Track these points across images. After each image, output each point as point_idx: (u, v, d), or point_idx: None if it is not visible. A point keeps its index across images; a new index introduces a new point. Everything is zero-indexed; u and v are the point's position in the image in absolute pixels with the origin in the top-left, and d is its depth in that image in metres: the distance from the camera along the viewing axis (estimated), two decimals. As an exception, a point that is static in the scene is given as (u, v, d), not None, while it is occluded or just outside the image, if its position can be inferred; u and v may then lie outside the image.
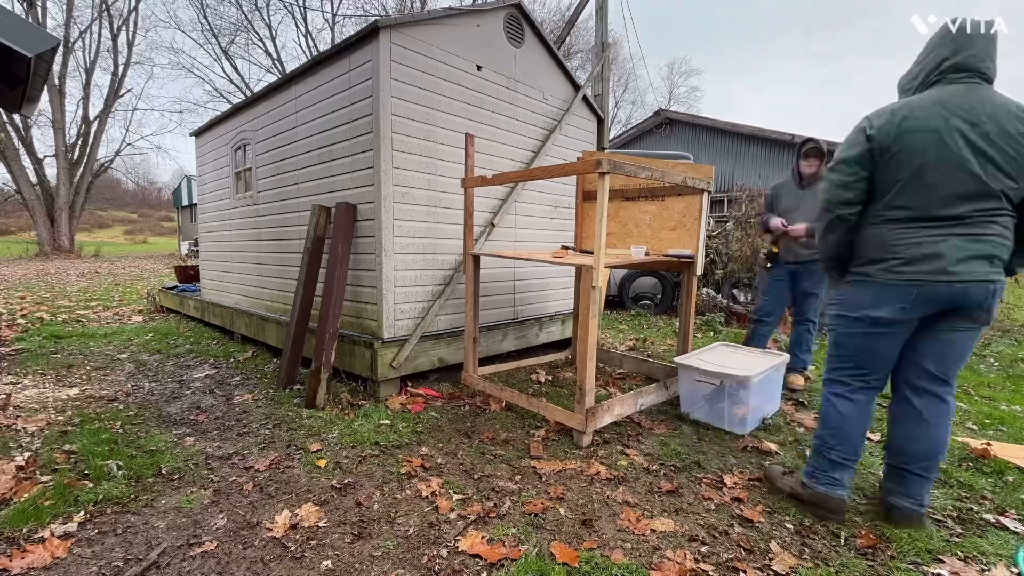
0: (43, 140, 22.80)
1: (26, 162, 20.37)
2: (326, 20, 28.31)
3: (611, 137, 15.38)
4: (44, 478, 2.08)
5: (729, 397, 2.74)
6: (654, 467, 2.34)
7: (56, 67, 19.30)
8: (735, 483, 2.20)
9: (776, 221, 3.48)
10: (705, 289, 6.63)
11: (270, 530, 1.80)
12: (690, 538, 1.80)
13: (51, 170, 21.44)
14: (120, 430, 2.65)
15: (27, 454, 2.28)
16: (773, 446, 2.58)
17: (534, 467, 2.31)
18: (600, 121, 4.94)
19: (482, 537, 1.77)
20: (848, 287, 1.87)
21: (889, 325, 1.77)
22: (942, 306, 1.70)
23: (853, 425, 1.89)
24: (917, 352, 1.83)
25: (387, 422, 2.81)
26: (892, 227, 1.74)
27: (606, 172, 2.31)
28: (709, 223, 6.88)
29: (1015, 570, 1.64)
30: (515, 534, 1.80)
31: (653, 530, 1.84)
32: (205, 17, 23.08)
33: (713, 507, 2.01)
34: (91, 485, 2.04)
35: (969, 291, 1.65)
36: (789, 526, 1.89)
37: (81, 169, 21.77)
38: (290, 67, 21.65)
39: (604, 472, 2.27)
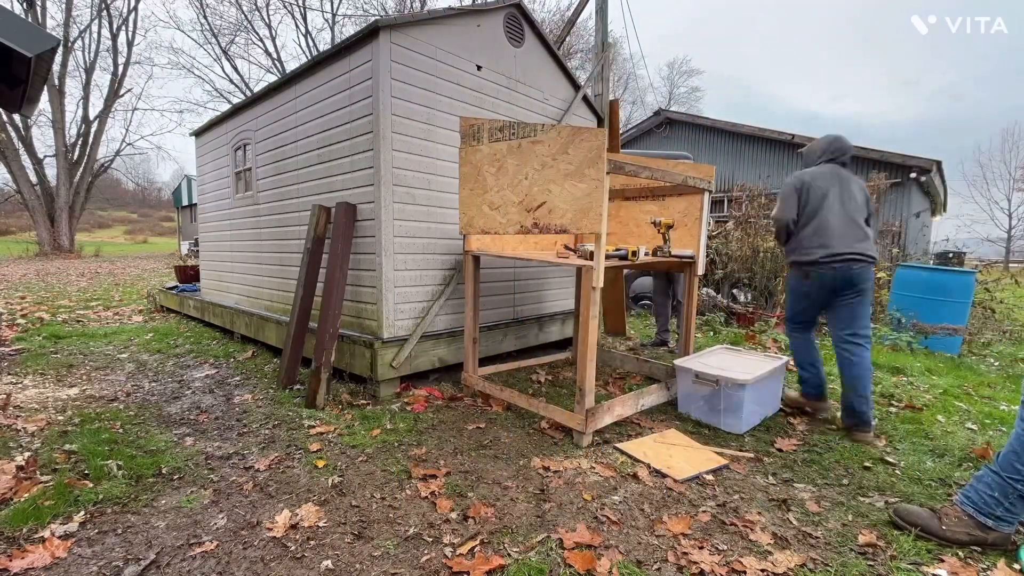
0: (43, 140, 22.79)
1: (26, 162, 20.39)
2: (326, 20, 28.29)
3: (611, 137, 15.34)
4: (44, 478, 2.08)
5: (726, 398, 2.74)
6: (655, 467, 2.34)
7: (56, 67, 19.31)
8: (731, 482, 2.20)
9: None
10: (705, 289, 6.63)
11: (270, 530, 1.80)
12: (690, 537, 1.80)
13: (51, 170, 21.47)
14: (120, 430, 2.65)
15: (27, 454, 2.28)
16: (776, 443, 2.58)
17: (534, 467, 2.31)
18: (600, 121, 4.94)
19: (482, 538, 1.77)
20: None
21: None
22: None
23: None
24: None
25: (387, 422, 2.81)
26: None
27: (607, 172, 2.31)
28: (709, 223, 6.89)
29: (1016, 567, 1.64)
30: (515, 534, 1.80)
31: (654, 530, 1.84)
32: (205, 17, 23.08)
33: (712, 506, 2.01)
34: (91, 485, 2.04)
35: None
36: (789, 525, 1.89)
37: (81, 169, 21.77)
38: (290, 67, 21.65)
39: (604, 472, 2.27)
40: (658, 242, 3.58)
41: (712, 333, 5.51)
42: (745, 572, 1.61)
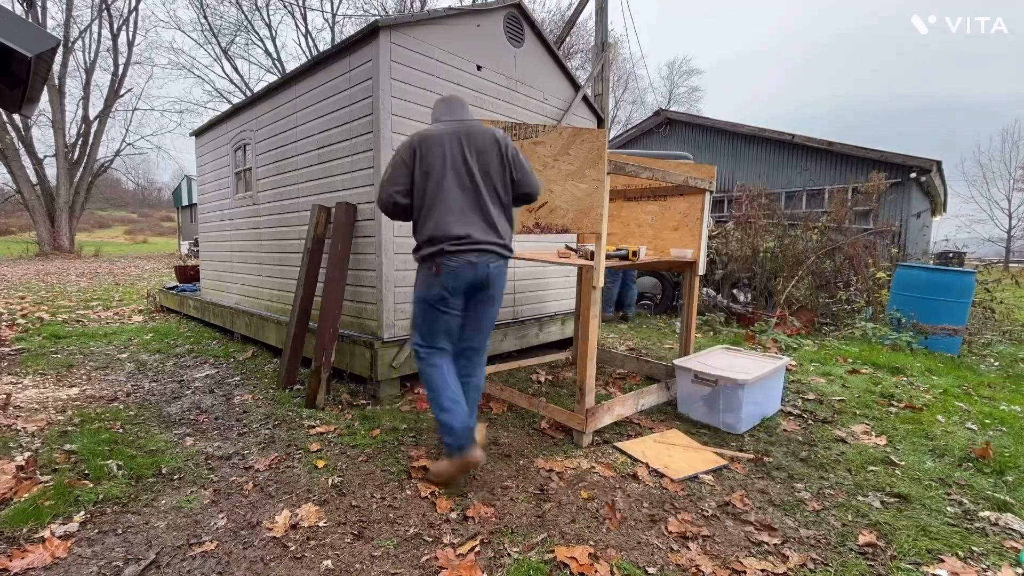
0: (43, 140, 22.73)
1: (26, 162, 20.36)
2: (326, 20, 28.30)
3: (611, 137, 15.40)
4: (44, 478, 2.08)
5: (725, 398, 2.74)
6: (654, 466, 2.34)
7: (56, 67, 19.30)
8: (731, 482, 2.20)
9: None
10: (705, 289, 6.63)
11: (270, 530, 1.80)
12: (689, 538, 1.80)
13: (51, 170, 21.45)
14: (120, 430, 2.65)
15: (27, 454, 2.28)
16: (770, 445, 2.58)
17: (534, 467, 2.31)
18: (600, 121, 4.94)
19: (482, 538, 1.77)
20: None
21: None
22: None
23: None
24: None
25: (387, 422, 2.81)
26: None
27: (608, 172, 2.31)
28: (710, 223, 6.90)
29: (1019, 571, 1.64)
30: (515, 534, 1.80)
31: (653, 529, 1.84)
32: (205, 17, 23.06)
33: (712, 506, 2.01)
34: (91, 485, 2.04)
35: None
36: (789, 525, 1.89)
37: (81, 169, 21.76)
38: (290, 67, 21.65)
39: (604, 472, 2.27)
40: (658, 242, 3.58)
41: (712, 333, 5.52)
42: (745, 572, 1.61)
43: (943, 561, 1.68)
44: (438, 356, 2.18)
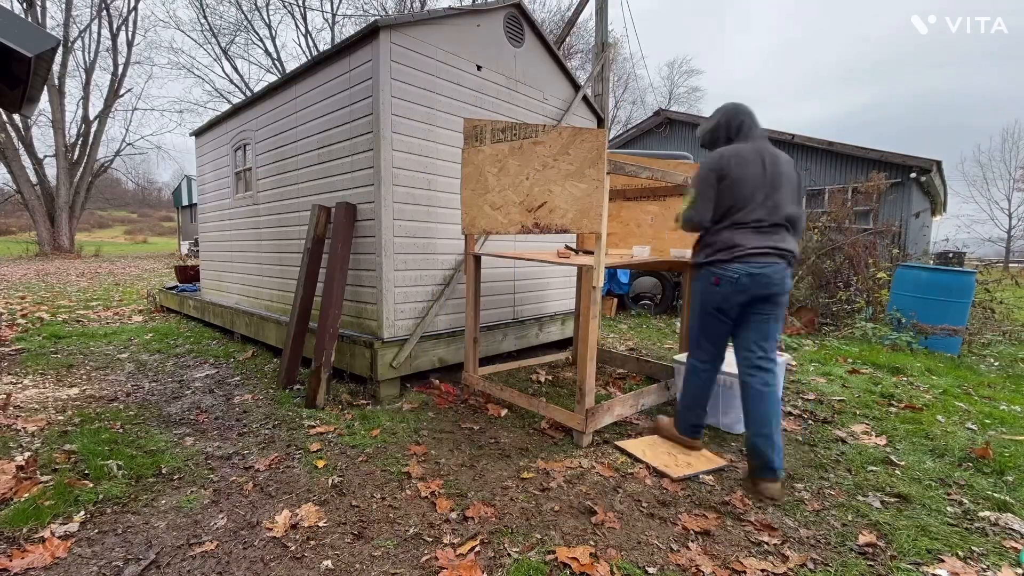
0: (43, 140, 22.80)
1: (26, 162, 20.37)
2: (326, 20, 28.31)
3: (611, 137, 15.40)
4: (44, 478, 2.08)
5: (725, 398, 2.74)
6: (654, 466, 2.34)
7: (56, 67, 19.29)
8: (731, 482, 2.20)
9: None
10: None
11: (270, 530, 1.80)
12: (689, 537, 1.80)
13: (51, 170, 21.45)
14: (120, 430, 2.64)
15: (27, 454, 2.28)
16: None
17: (534, 467, 2.31)
18: (600, 121, 4.94)
19: (482, 538, 1.77)
20: None
21: None
22: None
23: None
24: None
25: (387, 422, 2.81)
26: None
27: (607, 172, 2.30)
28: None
29: (1019, 571, 1.64)
30: (515, 534, 1.80)
31: (653, 529, 1.84)
32: (205, 17, 23.07)
33: (711, 506, 2.01)
34: (91, 485, 2.04)
35: None
36: (789, 525, 1.89)
37: (81, 169, 21.76)
38: (290, 67, 21.65)
39: (604, 471, 2.27)
40: (658, 242, 3.58)
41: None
42: (745, 572, 1.61)
43: (943, 561, 1.68)
44: None
